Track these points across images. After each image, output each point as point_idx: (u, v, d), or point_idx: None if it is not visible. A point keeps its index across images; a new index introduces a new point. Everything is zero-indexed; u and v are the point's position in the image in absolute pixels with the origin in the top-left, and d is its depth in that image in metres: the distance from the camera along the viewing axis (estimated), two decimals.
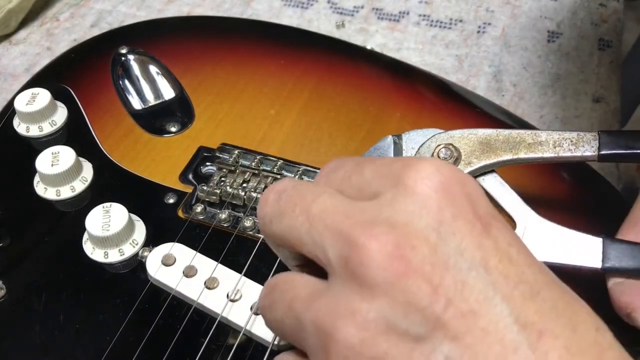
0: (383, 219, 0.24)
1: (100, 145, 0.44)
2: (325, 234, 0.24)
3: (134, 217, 0.39)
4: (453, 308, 0.22)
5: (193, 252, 0.37)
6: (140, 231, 0.39)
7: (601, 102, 0.52)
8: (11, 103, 0.45)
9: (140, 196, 0.41)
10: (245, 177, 0.41)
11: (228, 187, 0.40)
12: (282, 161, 0.42)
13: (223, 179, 0.41)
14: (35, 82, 0.48)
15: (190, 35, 0.52)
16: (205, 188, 0.40)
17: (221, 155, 0.43)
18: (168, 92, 0.47)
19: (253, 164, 0.42)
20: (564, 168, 0.43)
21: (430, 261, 0.23)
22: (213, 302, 0.35)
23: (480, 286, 0.23)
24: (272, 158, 0.42)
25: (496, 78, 0.54)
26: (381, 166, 0.26)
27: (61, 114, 0.45)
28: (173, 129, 0.45)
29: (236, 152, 0.43)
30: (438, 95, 0.49)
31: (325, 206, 0.25)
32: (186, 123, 0.45)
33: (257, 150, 0.43)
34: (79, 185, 0.41)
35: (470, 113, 0.47)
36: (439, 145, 0.36)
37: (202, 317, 0.35)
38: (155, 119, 0.46)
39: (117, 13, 0.60)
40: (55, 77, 0.48)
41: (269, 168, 0.42)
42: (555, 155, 0.35)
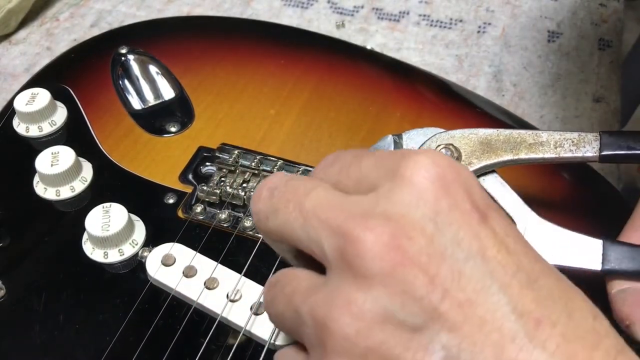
0: (379, 211, 0.23)
1: (100, 145, 0.44)
2: (320, 229, 0.24)
3: (134, 217, 0.39)
4: (450, 298, 0.22)
5: (193, 252, 0.37)
6: (140, 231, 0.39)
7: (601, 102, 0.52)
8: (11, 103, 0.45)
9: (140, 196, 0.41)
10: (245, 177, 0.41)
11: (228, 187, 0.40)
12: (282, 161, 0.42)
13: (223, 179, 0.41)
14: (35, 82, 0.47)
15: (190, 35, 0.52)
16: (205, 188, 0.40)
17: (221, 155, 0.43)
18: (168, 92, 0.47)
19: (253, 164, 0.42)
20: (565, 168, 0.43)
21: (426, 251, 0.23)
22: (213, 302, 0.35)
23: (477, 276, 0.23)
24: (272, 158, 0.42)
25: (496, 78, 0.54)
26: (379, 158, 0.26)
27: (61, 114, 0.45)
28: (173, 129, 0.45)
29: (236, 152, 0.43)
30: (438, 95, 0.49)
31: (318, 200, 0.25)
32: (186, 123, 0.45)
33: (257, 150, 0.43)
34: (79, 185, 0.41)
35: (470, 113, 0.47)
36: (440, 145, 0.36)
37: (202, 317, 0.35)
38: (155, 119, 0.46)
39: (117, 13, 0.60)
40: (55, 77, 0.48)
41: (269, 168, 0.42)
42: (556, 155, 0.35)
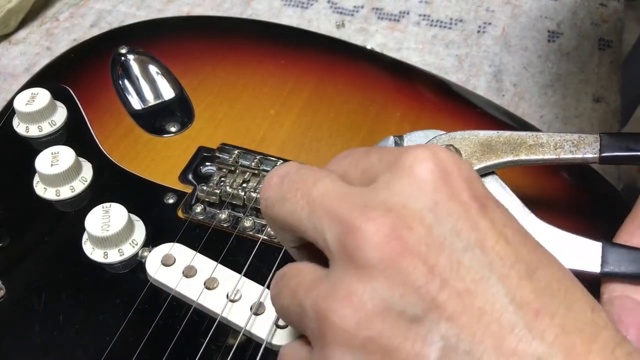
0: (379, 202, 0.24)
1: (99, 145, 0.44)
2: (324, 218, 0.24)
3: (134, 217, 0.39)
4: (449, 288, 0.22)
5: (193, 253, 0.37)
6: (139, 231, 0.39)
7: (601, 102, 0.52)
8: (11, 103, 0.45)
9: (139, 196, 0.41)
10: (245, 177, 0.41)
11: (228, 187, 0.40)
12: (282, 161, 0.42)
13: (223, 179, 0.41)
14: (34, 82, 0.47)
15: (190, 35, 0.52)
16: (205, 188, 0.40)
17: (221, 155, 0.43)
18: (168, 92, 0.47)
19: (253, 164, 0.42)
20: (564, 168, 0.43)
21: (425, 241, 0.23)
22: (213, 303, 0.35)
23: (476, 266, 0.23)
24: (272, 158, 0.42)
25: (496, 78, 0.54)
26: (384, 152, 0.26)
27: (61, 114, 0.45)
28: (173, 129, 0.45)
29: (236, 152, 0.43)
30: (438, 95, 0.49)
31: (325, 190, 0.25)
32: (186, 123, 0.45)
33: (257, 150, 0.43)
34: (79, 185, 0.41)
35: (470, 113, 0.47)
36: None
37: (202, 318, 0.35)
38: (155, 119, 0.46)
39: (117, 13, 0.60)
40: (54, 77, 0.48)
41: (269, 168, 0.42)
42: (556, 157, 0.35)
